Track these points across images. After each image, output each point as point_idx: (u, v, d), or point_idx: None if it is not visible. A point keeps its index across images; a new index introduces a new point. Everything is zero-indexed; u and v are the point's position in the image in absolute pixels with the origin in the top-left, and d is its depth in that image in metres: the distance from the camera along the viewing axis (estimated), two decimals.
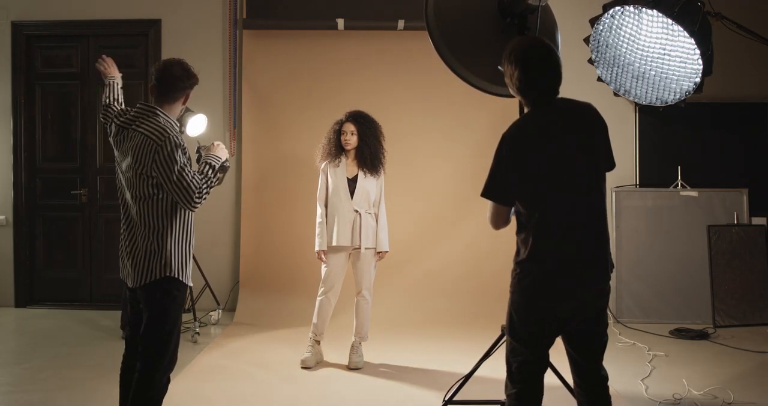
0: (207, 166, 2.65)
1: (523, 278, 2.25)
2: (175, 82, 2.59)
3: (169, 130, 2.49)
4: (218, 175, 2.70)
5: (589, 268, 2.23)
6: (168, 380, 2.61)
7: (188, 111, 4.55)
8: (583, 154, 2.25)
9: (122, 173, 2.59)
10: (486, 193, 2.27)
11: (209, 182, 2.60)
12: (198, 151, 2.84)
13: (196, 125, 4.66)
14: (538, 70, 2.25)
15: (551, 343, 2.31)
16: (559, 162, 2.23)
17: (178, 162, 2.45)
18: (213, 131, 5.46)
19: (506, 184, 2.25)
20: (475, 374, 3.22)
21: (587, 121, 2.31)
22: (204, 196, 2.53)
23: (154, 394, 2.55)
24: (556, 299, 2.22)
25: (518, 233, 2.29)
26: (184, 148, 2.52)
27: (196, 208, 2.52)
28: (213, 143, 2.78)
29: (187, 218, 2.60)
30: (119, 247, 2.67)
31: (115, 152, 2.61)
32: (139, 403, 2.52)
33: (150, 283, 2.52)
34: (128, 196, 2.55)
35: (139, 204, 2.52)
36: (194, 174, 2.53)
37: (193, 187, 2.48)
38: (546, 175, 2.23)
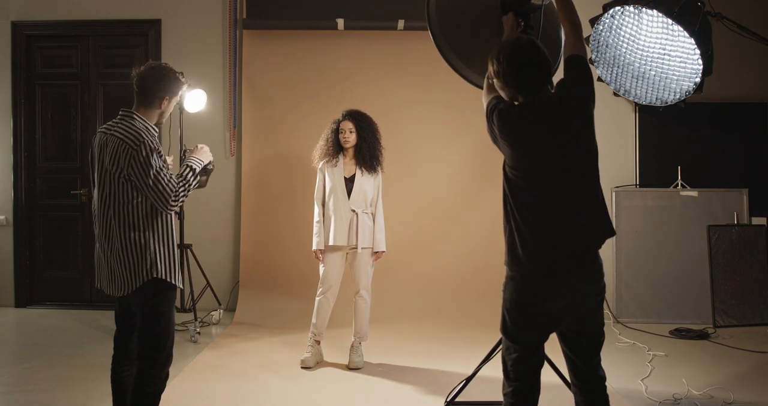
0: (188, 169, 2.67)
1: (511, 279, 2.27)
2: (149, 84, 2.60)
3: (143, 135, 2.51)
4: (199, 178, 2.71)
5: (576, 267, 2.20)
6: (166, 376, 2.63)
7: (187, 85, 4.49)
8: (568, 148, 2.22)
9: (99, 180, 2.59)
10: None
11: (187, 185, 2.62)
12: (182, 153, 2.84)
13: (195, 101, 4.65)
14: (516, 87, 2.25)
15: (545, 339, 2.31)
16: (542, 158, 2.22)
17: (154, 166, 2.49)
18: (213, 131, 5.48)
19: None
20: (477, 374, 3.23)
21: (570, 109, 2.26)
22: (181, 200, 2.57)
23: (153, 390, 2.57)
24: (544, 299, 2.21)
25: (504, 233, 2.30)
26: (160, 152, 2.55)
27: (172, 210, 2.57)
28: (197, 146, 2.80)
29: (167, 218, 2.61)
30: (96, 261, 2.67)
31: (95, 162, 2.62)
32: (139, 400, 2.55)
33: (138, 288, 2.53)
34: (107, 203, 2.55)
35: (118, 209, 2.52)
36: (170, 177, 2.55)
37: (169, 191, 2.51)
38: (527, 169, 2.23)
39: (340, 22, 5.32)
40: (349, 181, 4.02)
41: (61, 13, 5.54)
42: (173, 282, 2.59)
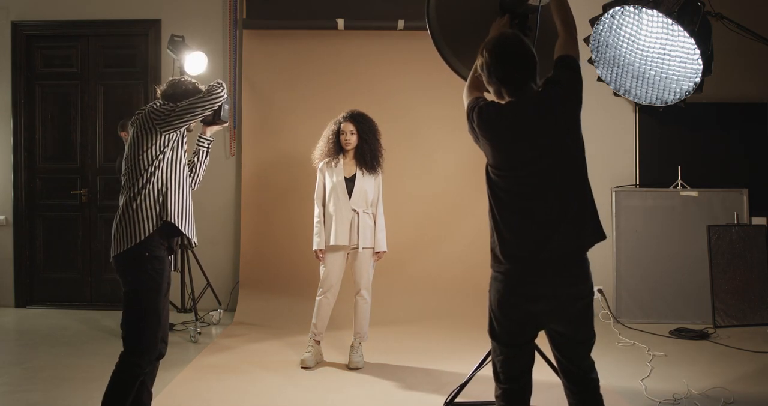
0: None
1: (494, 279, 2.23)
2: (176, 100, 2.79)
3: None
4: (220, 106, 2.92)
5: (561, 270, 2.15)
6: (148, 363, 2.62)
7: (186, 47, 4.52)
8: (552, 148, 2.17)
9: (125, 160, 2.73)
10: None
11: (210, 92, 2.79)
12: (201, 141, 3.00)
13: (196, 63, 4.72)
14: (500, 80, 2.22)
15: (532, 339, 2.26)
16: (524, 157, 2.17)
17: (178, 105, 2.69)
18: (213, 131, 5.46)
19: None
20: (477, 374, 3.23)
21: (554, 108, 2.19)
22: (219, 90, 2.79)
23: (130, 374, 2.58)
24: (526, 301, 2.16)
25: (491, 233, 2.26)
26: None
27: (222, 92, 2.81)
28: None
29: (185, 184, 2.78)
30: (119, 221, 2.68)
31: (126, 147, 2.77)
32: (110, 384, 2.58)
33: (140, 243, 2.59)
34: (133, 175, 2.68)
35: (140, 178, 2.65)
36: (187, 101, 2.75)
37: (202, 100, 2.74)
38: (509, 169, 2.19)
39: (340, 22, 5.32)
40: (350, 182, 4.02)
41: (61, 13, 5.54)
42: (178, 226, 2.69)
